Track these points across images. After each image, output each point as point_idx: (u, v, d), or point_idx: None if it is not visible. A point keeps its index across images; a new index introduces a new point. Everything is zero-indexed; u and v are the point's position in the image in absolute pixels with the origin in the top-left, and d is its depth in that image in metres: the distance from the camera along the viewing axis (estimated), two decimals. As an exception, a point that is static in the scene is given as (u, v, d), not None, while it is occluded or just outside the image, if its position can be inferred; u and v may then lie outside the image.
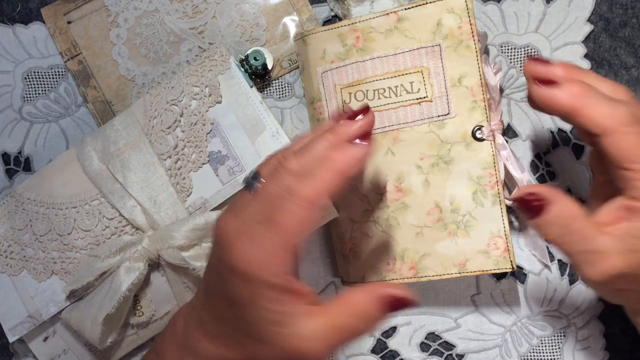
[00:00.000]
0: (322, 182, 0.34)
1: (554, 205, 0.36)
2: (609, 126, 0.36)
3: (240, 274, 0.33)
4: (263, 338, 0.34)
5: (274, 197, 0.34)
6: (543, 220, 0.36)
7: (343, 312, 0.35)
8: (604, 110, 0.36)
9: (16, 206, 0.48)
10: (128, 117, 0.47)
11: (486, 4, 0.49)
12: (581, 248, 0.36)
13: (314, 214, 0.34)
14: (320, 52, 0.46)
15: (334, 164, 0.34)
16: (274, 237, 0.33)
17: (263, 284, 0.33)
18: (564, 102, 0.36)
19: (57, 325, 0.49)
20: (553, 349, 0.50)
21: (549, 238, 0.37)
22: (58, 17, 0.51)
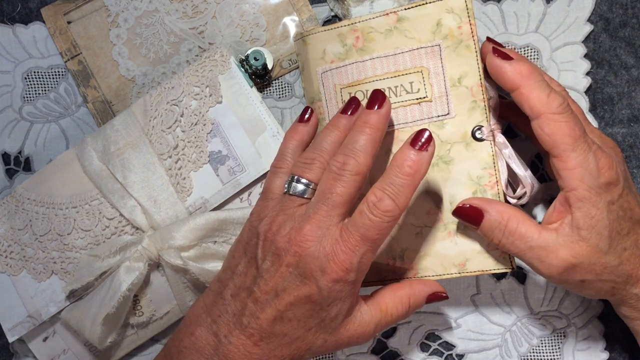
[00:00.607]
0: (410, 196, 0.37)
1: (488, 212, 0.40)
2: (540, 109, 0.38)
3: (341, 279, 0.37)
4: (330, 328, 0.39)
5: (370, 214, 0.37)
6: (482, 226, 0.40)
7: (392, 302, 0.41)
8: (539, 94, 0.38)
9: (16, 206, 0.48)
10: (128, 117, 0.47)
11: (486, 4, 0.49)
12: (524, 246, 0.39)
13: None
14: (320, 52, 0.46)
15: (417, 177, 0.37)
16: (372, 253, 0.37)
17: (355, 285, 0.38)
18: (509, 76, 0.39)
19: (56, 325, 0.49)
20: (553, 349, 0.50)
21: (495, 242, 0.41)
22: (58, 17, 0.51)
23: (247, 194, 0.47)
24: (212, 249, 0.45)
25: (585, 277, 0.39)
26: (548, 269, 0.39)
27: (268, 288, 0.38)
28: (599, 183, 0.38)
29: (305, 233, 0.37)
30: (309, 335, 0.39)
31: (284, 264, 0.37)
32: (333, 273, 0.36)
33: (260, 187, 0.48)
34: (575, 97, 0.48)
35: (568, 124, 0.38)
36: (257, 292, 0.39)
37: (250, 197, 0.48)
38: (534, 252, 0.39)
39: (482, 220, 0.40)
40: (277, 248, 0.38)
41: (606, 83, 0.49)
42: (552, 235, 0.39)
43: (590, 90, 0.49)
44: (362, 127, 0.39)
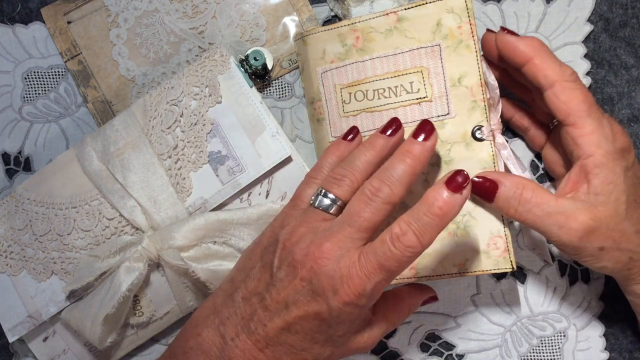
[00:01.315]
0: (436, 236, 0.36)
1: (503, 183, 0.40)
2: (556, 77, 0.39)
3: (352, 303, 0.36)
4: (337, 343, 0.39)
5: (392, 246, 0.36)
6: (497, 198, 0.41)
7: (395, 312, 0.43)
8: (553, 65, 0.40)
9: (16, 206, 0.48)
10: (128, 117, 0.47)
11: (486, 4, 0.49)
12: (542, 213, 0.39)
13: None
14: (320, 52, 0.46)
15: (446, 219, 0.35)
16: (387, 282, 0.37)
17: (365, 308, 0.38)
18: (522, 49, 0.40)
19: (57, 325, 0.49)
20: (553, 349, 0.50)
21: (511, 213, 0.41)
22: (58, 17, 0.51)
23: (246, 194, 0.47)
24: (212, 249, 0.45)
25: (604, 244, 0.39)
26: (567, 234, 0.39)
27: (279, 298, 0.38)
28: (615, 148, 0.39)
29: (324, 250, 0.36)
30: (315, 347, 0.39)
31: (298, 276, 0.37)
32: (345, 296, 0.36)
33: (260, 188, 0.48)
34: (575, 97, 0.48)
35: (582, 90, 0.40)
36: (268, 299, 0.38)
37: (250, 197, 0.47)
38: (552, 218, 0.39)
39: (497, 192, 0.40)
40: (293, 259, 0.37)
41: (606, 83, 0.49)
42: (570, 202, 0.39)
43: (590, 90, 0.49)
44: (404, 156, 0.38)
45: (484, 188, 0.41)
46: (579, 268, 0.50)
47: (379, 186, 0.37)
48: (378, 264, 0.35)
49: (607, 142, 0.39)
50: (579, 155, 0.40)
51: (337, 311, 0.37)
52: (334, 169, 0.40)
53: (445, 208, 0.35)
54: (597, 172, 0.39)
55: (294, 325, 0.38)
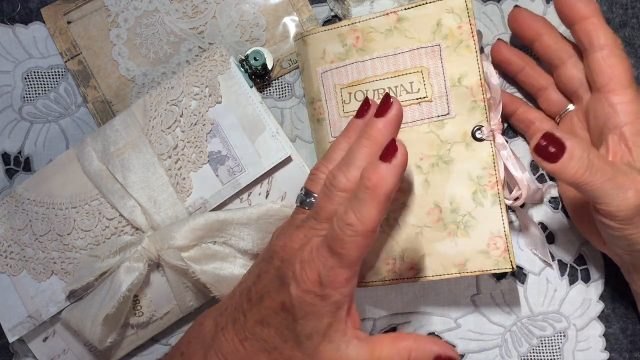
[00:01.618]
0: (376, 212, 0.34)
1: (569, 142, 0.36)
2: (608, 41, 0.40)
3: (311, 290, 0.35)
4: (306, 347, 0.37)
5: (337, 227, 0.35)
6: (565, 158, 0.36)
7: (390, 350, 0.37)
8: (607, 30, 0.41)
9: (16, 206, 0.48)
10: (128, 117, 0.47)
11: (486, 4, 0.49)
12: (607, 176, 0.37)
13: (372, 240, 0.35)
14: (320, 52, 0.46)
15: (379, 191, 0.34)
16: (342, 269, 0.35)
17: (332, 302, 0.35)
18: (581, 6, 0.41)
19: (57, 325, 0.49)
20: (553, 349, 0.50)
21: (577, 176, 0.37)
22: (58, 17, 0.51)
23: (246, 194, 0.47)
24: (212, 249, 0.45)
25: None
26: (631, 197, 0.37)
27: (258, 289, 0.38)
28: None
29: (293, 239, 0.37)
30: (286, 349, 0.37)
31: (273, 267, 0.38)
32: (302, 283, 0.35)
33: (260, 188, 0.48)
34: (575, 97, 0.48)
35: (628, 62, 0.41)
36: (253, 291, 0.39)
37: (250, 197, 0.47)
38: (616, 180, 0.37)
39: (565, 151, 0.36)
40: (272, 251, 0.39)
41: (606, 83, 0.49)
42: (627, 166, 0.38)
43: (591, 90, 0.49)
44: (361, 137, 0.37)
45: (550, 148, 0.37)
46: (578, 268, 0.50)
47: (335, 174, 0.37)
48: (328, 247, 0.35)
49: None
50: (615, 123, 0.40)
51: (297, 300, 0.36)
52: (314, 165, 0.41)
53: (374, 179, 0.33)
54: (635, 140, 0.39)
55: (266, 317, 0.37)
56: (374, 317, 0.51)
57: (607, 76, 0.40)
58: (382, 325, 0.51)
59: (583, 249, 0.50)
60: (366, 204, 0.34)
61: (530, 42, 0.45)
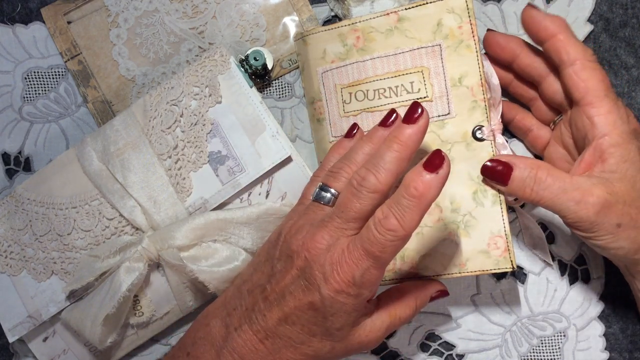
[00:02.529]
0: (418, 219, 0.35)
1: (517, 165, 0.40)
2: (578, 56, 0.40)
3: (344, 291, 0.37)
4: (337, 337, 0.39)
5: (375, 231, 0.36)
6: (513, 179, 0.40)
7: (400, 306, 0.42)
8: (576, 43, 0.41)
9: (16, 206, 0.48)
10: (128, 117, 0.47)
11: (486, 4, 0.49)
12: (558, 190, 0.39)
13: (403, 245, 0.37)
14: (321, 52, 0.46)
15: (424, 200, 0.35)
16: (376, 270, 0.37)
17: (363, 299, 0.38)
18: (547, 24, 0.41)
19: (57, 326, 0.49)
20: (553, 349, 0.50)
21: (527, 194, 0.40)
22: (58, 17, 0.51)
23: (247, 194, 0.47)
24: (212, 248, 0.45)
25: (621, 220, 0.39)
26: (585, 208, 0.39)
27: (278, 288, 0.38)
28: (629, 129, 0.40)
29: (317, 239, 0.37)
30: (314, 341, 0.39)
31: (294, 266, 0.38)
32: (335, 283, 0.36)
33: (260, 188, 0.47)
34: (575, 97, 0.48)
35: (601, 72, 0.40)
36: (268, 290, 0.39)
37: (250, 197, 0.47)
38: (568, 194, 0.39)
39: (512, 174, 0.40)
40: (290, 250, 0.38)
41: (606, 83, 0.49)
42: (585, 178, 0.39)
43: (591, 90, 0.49)
44: (391, 142, 0.37)
45: (497, 171, 0.41)
46: (579, 268, 0.50)
47: (365, 175, 0.37)
48: (364, 250, 0.36)
49: (622, 123, 0.40)
50: (593, 135, 0.40)
51: (329, 300, 0.37)
52: (334, 164, 0.41)
53: (421, 188, 0.35)
54: (612, 151, 0.39)
55: (290, 316, 0.38)
56: (374, 317, 0.51)
57: (582, 90, 0.40)
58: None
59: (583, 249, 0.50)
60: (410, 211, 0.35)
61: (508, 64, 0.45)
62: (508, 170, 0.40)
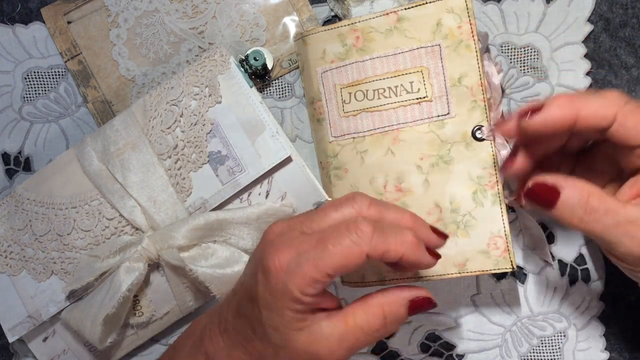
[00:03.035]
0: (393, 246, 0.34)
1: (566, 189, 0.35)
2: (611, 112, 0.35)
3: (275, 282, 0.34)
4: (276, 340, 0.35)
5: (340, 225, 0.34)
6: (559, 206, 0.35)
7: (361, 314, 0.36)
8: (598, 102, 0.36)
9: (16, 206, 0.48)
10: (128, 117, 0.47)
11: (486, 4, 0.49)
12: (611, 222, 0.35)
13: (362, 263, 0.34)
14: (320, 52, 0.46)
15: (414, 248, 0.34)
16: (318, 260, 0.33)
17: (294, 299, 0.34)
18: (559, 114, 0.36)
19: (56, 326, 0.49)
20: (553, 349, 0.50)
21: (575, 222, 0.35)
22: (58, 17, 0.51)
23: (246, 194, 0.47)
24: (212, 248, 0.45)
25: None
26: (636, 244, 0.35)
27: (240, 279, 0.39)
28: None
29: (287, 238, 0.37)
30: (256, 341, 0.37)
31: (257, 258, 0.37)
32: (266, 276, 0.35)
33: (260, 188, 0.47)
34: (575, 97, 0.48)
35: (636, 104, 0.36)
36: (237, 282, 0.40)
37: (250, 197, 0.47)
38: (621, 228, 0.35)
39: (559, 199, 0.35)
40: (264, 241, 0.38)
41: (606, 83, 0.49)
42: (637, 210, 0.35)
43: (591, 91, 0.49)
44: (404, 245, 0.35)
45: (543, 195, 0.36)
46: (579, 268, 0.50)
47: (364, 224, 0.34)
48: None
49: None
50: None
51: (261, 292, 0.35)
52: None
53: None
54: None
55: (239, 307, 0.37)
56: (374, 317, 0.51)
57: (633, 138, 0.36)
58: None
59: (583, 249, 0.50)
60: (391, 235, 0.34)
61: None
62: (555, 194, 0.35)
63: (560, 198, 0.35)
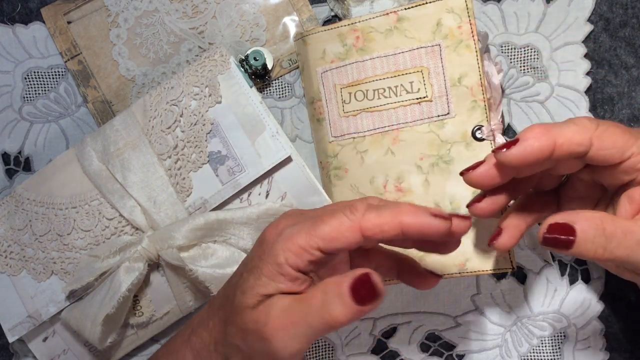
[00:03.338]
0: (390, 218, 0.33)
1: (578, 223, 0.34)
2: (586, 137, 0.35)
3: (265, 245, 0.35)
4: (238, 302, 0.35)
5: (337, 206, 0.34)
6: (580, 242, 0.34)
7: (312, 289, 0.33)
8: (572, 129, 0.35)
9: (16, 206, 0.48)
10: (128, 117, 0.47)
11: (486, 4, 0.49)
12: (632, 242, 0.34)
13: (357, 239, 0.33)
14: (320, 52, 0.46)
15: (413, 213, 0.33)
16: (310, 229, 0.33)
17: (276, 263, 0.34)
18: (538, 144, 0.35)
19: (56, 325, 0.49)
20: (553, 349, 0.50)
21: (599, 254, 0.34)
22: (58, 17, 0.51)
23: (246, 194, 0.47)
24: (212, 248, 0.45)
25: None
26: None
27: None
28: None
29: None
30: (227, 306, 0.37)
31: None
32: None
33: (260, 188, 0.47)
34: (575, 97, 0.48)
35: (615, 125, 0.36)
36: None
37: (250, 197, 0.47)
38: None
39: (576, 236, 0.34)
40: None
41: (606, 83, 0.49)
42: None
43: (591, 90, 0.49)
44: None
45: (561, 234, 0.34)
46: (579, 268, 0.50)
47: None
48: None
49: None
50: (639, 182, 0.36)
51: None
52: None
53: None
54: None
55: (229, 286, 0.38)
56: (374, 317, 0.51)
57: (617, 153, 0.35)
58: (382, 325, 0.51)
59: (583, 249, 0.50)
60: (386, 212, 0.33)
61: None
62: (571, 232, 0.34)
63: (577, 234, 0.34)
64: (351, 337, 0.51)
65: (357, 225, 0.33)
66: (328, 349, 0.51)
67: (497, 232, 0.40)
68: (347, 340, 0.51)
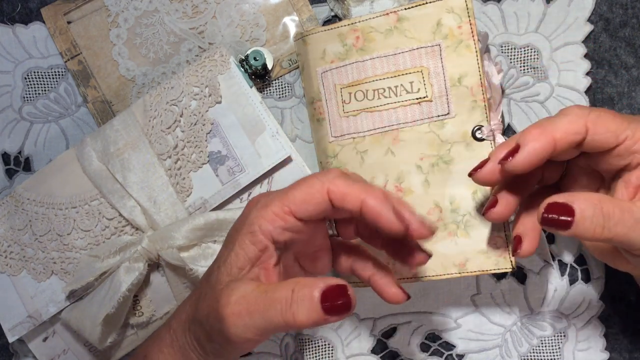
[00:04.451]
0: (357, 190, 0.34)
1: (576, 202, 0.34)
2: (581, 125, 0.36)
3: (241, 215, 0.36)
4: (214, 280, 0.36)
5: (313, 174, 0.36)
6: (578, 221, 0.34)
7: (280, 283, 0.33)
8: (566, 120, 0.36)
9: (16, 206, 0.48)
10: (128, 117, 0.47)
11: (486, 4, 0.49)
12: (630, 221, 0.34)
13: (325, 200, 0.34)
14: (320, 52, 0.46)
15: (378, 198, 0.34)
16: (282, 195, 0.35)
17: (250, 232, 0.35)
18: (539, 146, 0.35)
19: (56, 326, 0.49)
20: (553, 349, 0.50)
21: (597, 233, 0.34)
22: (58, 17, 0.51)
23: (246, 194, 0.47)
24: (212, 248, 0.45)
25: None
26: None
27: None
28: None
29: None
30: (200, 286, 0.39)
31: None
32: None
33: (260, 188, 0.47)
34: (575, 97, 0.48)
35: (606, 111, 0.36)
36: None
37: (250, 197, 0.47)
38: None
39: (575, 215, 0.34)
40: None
41: (606, 83, 0.49)
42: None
43: (590, 90, 0.49)
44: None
45: (559, 214, 0.34)
46: (579, 268, 0.50)
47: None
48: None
49: None
50: (637, 164, 0.36)
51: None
52: None
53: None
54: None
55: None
56: (374, 317, 0.51)
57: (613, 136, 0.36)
58: (383, 325, 0.51)
59: (583, 249, 0.50)
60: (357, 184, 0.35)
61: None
62: (570, 211, 0.34)
63: (576, 214, 0.34)
64: (351, 337, 0.51)
65: (325, 188, 0.34)
66: (328, 348, 0.51)
67: (492, 202, 0.41)
68: (347, 341, 0.51)
